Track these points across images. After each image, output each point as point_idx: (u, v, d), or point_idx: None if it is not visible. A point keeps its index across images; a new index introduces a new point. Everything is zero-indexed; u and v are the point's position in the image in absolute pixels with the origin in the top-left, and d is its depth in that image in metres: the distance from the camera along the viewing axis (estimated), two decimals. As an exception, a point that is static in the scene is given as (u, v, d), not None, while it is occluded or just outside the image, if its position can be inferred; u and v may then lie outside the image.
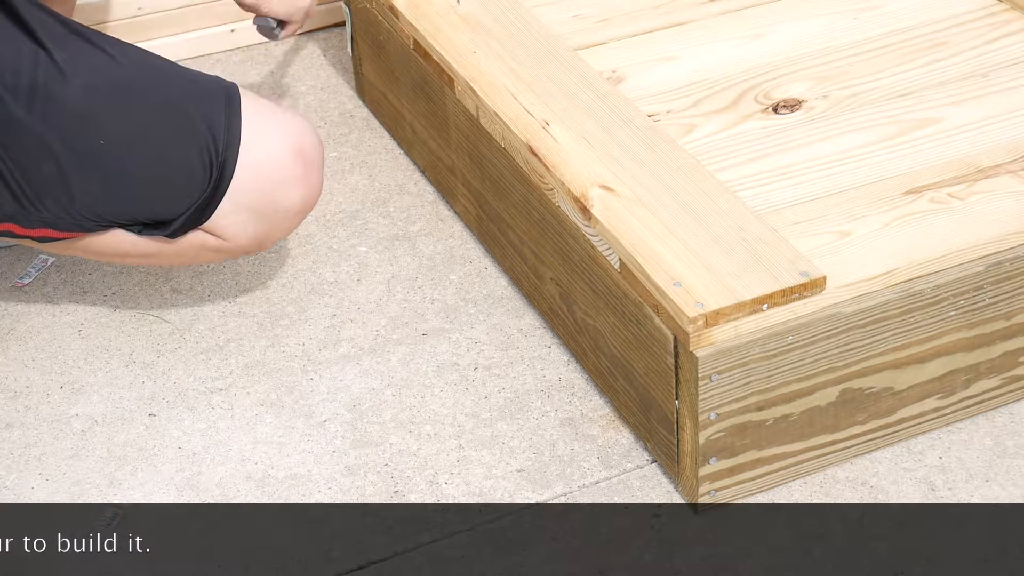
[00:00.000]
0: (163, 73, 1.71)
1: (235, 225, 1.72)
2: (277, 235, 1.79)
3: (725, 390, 1.54)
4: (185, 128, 1.67)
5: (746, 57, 1.99)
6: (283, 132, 1.73)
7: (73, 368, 1.87)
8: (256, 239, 1.76)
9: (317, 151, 1.77)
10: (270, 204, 1.73)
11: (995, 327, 1.65)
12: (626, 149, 1.76)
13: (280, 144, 1.72)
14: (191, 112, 1.67)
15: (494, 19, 2.04)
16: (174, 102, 1.68)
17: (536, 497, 1.65)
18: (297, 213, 1.76)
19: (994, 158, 1.77)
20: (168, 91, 1.69)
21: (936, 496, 1.62)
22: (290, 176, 1.73)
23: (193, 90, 1.70)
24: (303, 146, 1.74)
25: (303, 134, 1.75)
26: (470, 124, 1.94)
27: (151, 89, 1.69)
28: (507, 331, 1.90)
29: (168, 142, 1.67)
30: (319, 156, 1.77)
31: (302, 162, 1.73)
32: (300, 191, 1.74)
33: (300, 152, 1.73)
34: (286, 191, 1.73)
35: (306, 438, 1.75)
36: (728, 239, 1.61)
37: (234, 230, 1.73)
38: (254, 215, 1.72)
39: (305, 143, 1.74)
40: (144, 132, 1.67)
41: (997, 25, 2.03)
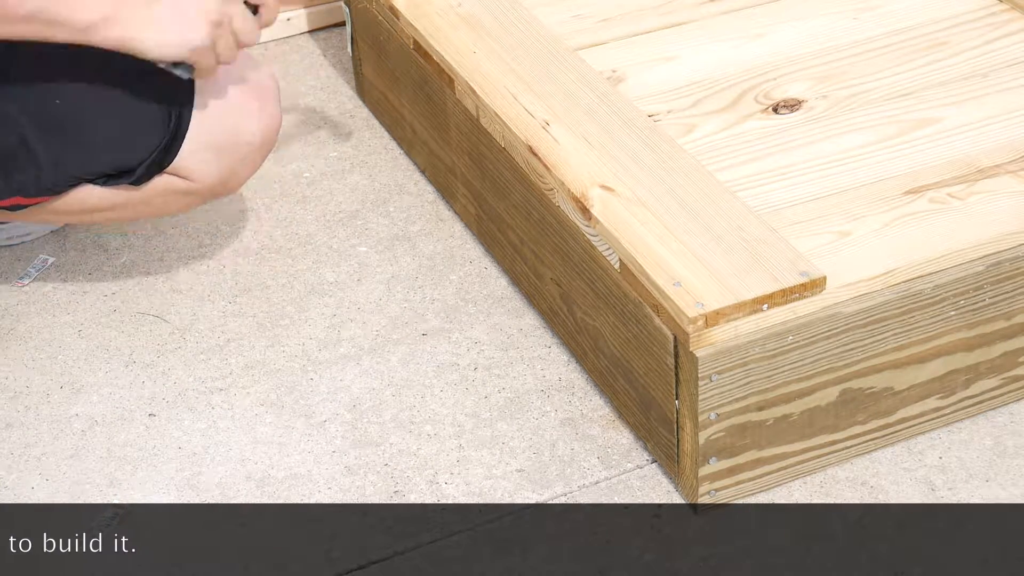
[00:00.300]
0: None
1: (199, 164, 1.74)
2: (243, 171, 1.80)
3: (725, 390, 1.54)
4: (141, 77, 1.68)
5: (746, 57, 1.99)
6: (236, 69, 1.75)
7: (73, 368, 1.87)
8: (222, 177, 1.78)
9: (272, 84, 1.80)
10: (230, 139, 1.75)
11: (995, 327, 1.65)
12: (626, 149, 1.76)
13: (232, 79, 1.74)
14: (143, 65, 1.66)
15: (494, 19, 2.04)
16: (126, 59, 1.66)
17: (536, 497, 1.65)
18: (260, 146, 1.79)
19: (994, 158, 1.76)
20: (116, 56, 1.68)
21: (936, 496, 1.62)
22: (246, 109, 1.75)
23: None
24: (257, 80, 1.77)
25: (255, 70, 1.78)
26: (470, 124, 1.94)
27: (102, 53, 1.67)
28: (507, 331, 1.90)
29: (124, 93, 1.69)
30: (275, 89, 1.80)
31: (256, 94, 1.76)
32: (257, 123, 1.77)
33: (253, 87, 1.76)
34: (244, 124, 1.76)
35: (306, 438, 1.75)
36: (728, 239, 1.61)
37: (199, 169, 1.75)
38: (218, 153, 1.74)
39: (260, 78, 1.78)
40: (97, 83, 1.68)
41: (997, 25, 2.03)
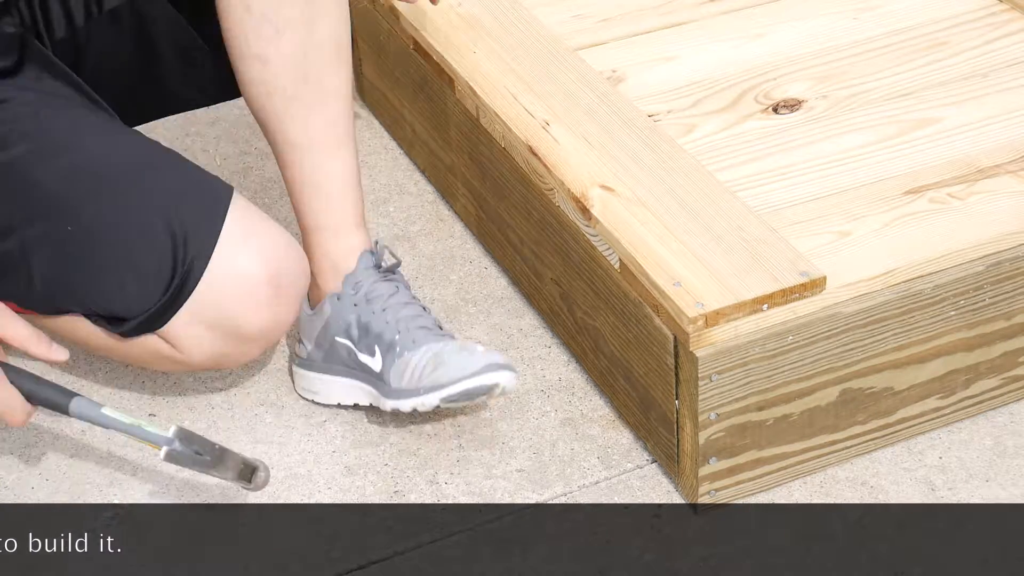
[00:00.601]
0: (152, 167, 1.63)
1: (190, 338, 1.61)
2: (237, 358, 1.67)
3: (725, 390, 1.54)
4: (156, 230, 1.57)
5: (746, 57, 1.99)
6: (261, 251, 1.61)
7: (73, 368, 1.86)
8: (213, 358, 1.64)
9: (296, 280, 1.63)
10: (229, 324, 1.61)
11: (995, 327, 1.65)
12: (626, 149, 1.76)
13: (253, 264, 1.60)
14: (168, 213, 1.58)
15: (494, 19, 2.04)
16: (153, 200, 1.59)
17: (536, 497, 1.65)
18: (256, 339, 1.64)
19: (994, 158, 1.76)
20: (150, 187, 1.61)
21: (936, 496, 1.62)
22: (255, 300, 1.60)
23: (178, 189, 1.61)
24: (279, 271, 1.61)
25: (285, 259, 1.62)
26: (470, 124, 1.94)
27: (133, 183, 1.61)
28: (507, 331, 1.89)
29: (134, 243, 1.58)
30: (297, 286, 1.64)
31: (272, 288, 1.61)
32: (262, 317, 1.61)
33: (273, 277, 1.61)
34: (247, 314, 1.60)
35: (306, 438, 1.75)
36: (728, 239, 1.61)
37: (189, 343, 1.62)
38: (212, 332, 1.61)
39: (283, 269, 1.62)
40: (113, 228, 1.59)
41: (997, 25, 2.03)
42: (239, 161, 2.27)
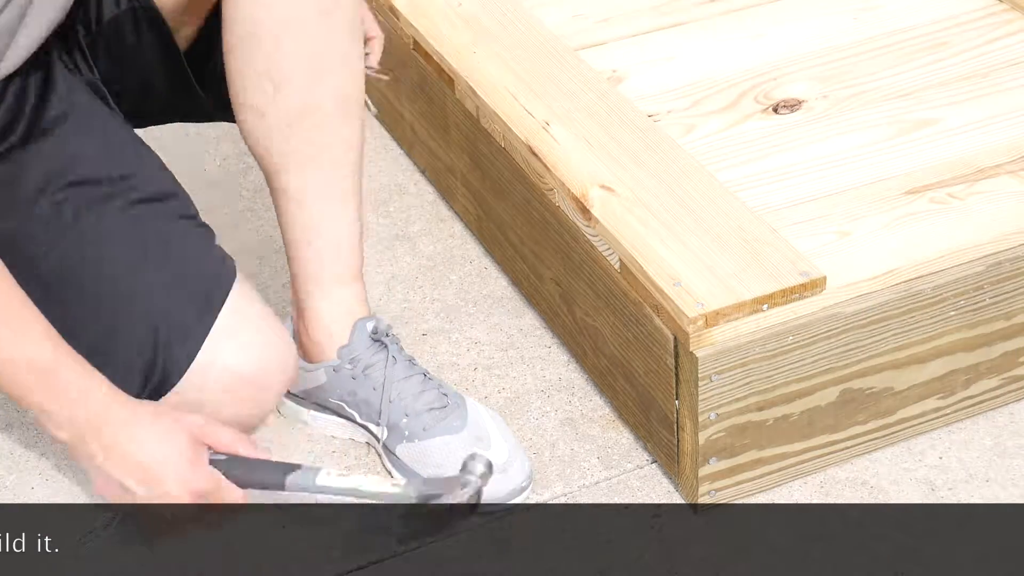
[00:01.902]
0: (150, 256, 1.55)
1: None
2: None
3: (725, 390, 1.54)
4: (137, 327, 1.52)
5: (746, 57, 1.99)
6: (246, 351, 1.55)
7: (73, 368, 1.86)
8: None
9: (281, 376, 1.57)
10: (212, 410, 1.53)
11: (995, 327, 1.65)
12: (626, 149, 1.76)
13: (239, 363, 1.54)
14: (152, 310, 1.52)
15: (494, 19, 2.04)
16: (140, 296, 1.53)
17: (536, 497, 1.65)
18: (241, 425, 1.56)
19: (994, 158, 1.77)
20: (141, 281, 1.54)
21: (936, 496, 1.62)
22: (237, 396, 1.55)
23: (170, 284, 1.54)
24: (263, 368, 1.55)
25: (270, 356, 1.56)
26: (470, 124, 1.94)
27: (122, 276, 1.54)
28: (507, 331, 1.89)
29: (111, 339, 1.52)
30: (282, 379, 1.57)
31: (256, 386, 1.55)
32: (244, 411, 1.55)
33: (258, 374, 1.55)
34: (228, 408, 1.54)
35: (306, 438, 1.75)
36: (728, 239, 1.61)
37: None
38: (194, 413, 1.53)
39: (267, 366, 1.56)
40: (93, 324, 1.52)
41: (997, 25, 2.03)
42: (239, 161, 2.27)
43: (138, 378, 1.52)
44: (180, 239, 1.59)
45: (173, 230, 1.59)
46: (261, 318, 1.58)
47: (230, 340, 1.54)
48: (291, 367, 1.60)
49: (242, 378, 1.54)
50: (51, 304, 1.45)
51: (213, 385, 1.53)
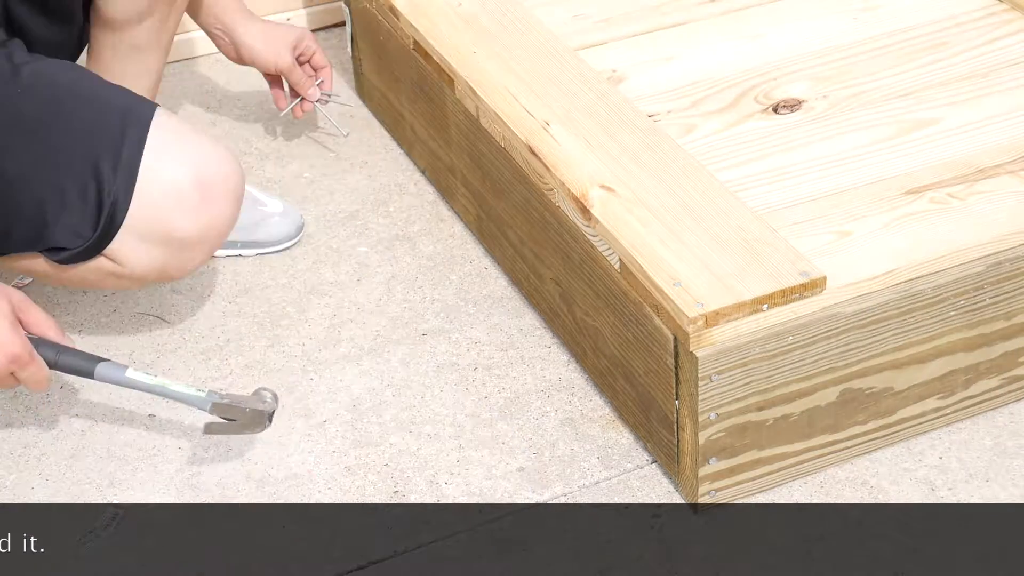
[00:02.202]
0: (67, 106, 1.62)
1: (131, 253, 1.63)
2: (182, 265, 1.68)
3: (725, 390, 1.54)
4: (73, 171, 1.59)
5: (746, 57, 1.99)
6: (184, 159, 1.62)
7: (73, 368, 1.86)
8: (156, 268, 1.66)
9: (226, 181, 1.65)
10: (165, 233, 1.62)
11: (995, 327, 1.65)
12: (626, 149, 1.76)
13: (177, 172, 1.61)
14: (83, 153, 1.59)
15: (494, 19, 2.04)
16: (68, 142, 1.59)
17: (536, 497, 1.65)
18: (196, 244, 1.65)
19: (994, 158, 1.76)
20: (66, 128, 1.60)
21: (936, 496, 1.62)
22: (185, 205, 1.62)
23: (93, 125, 1.61)
24: (205, 175, 1.63)
25: (209, 162, 1.64)
26: (470, 124, 1.94)
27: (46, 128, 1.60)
28: (507, 331, 1.90)
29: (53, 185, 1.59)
30: (229, 186, 1.65)
31: (201, 192, 1.62)
32: (198, 222, 1.63)
33: (200, 181, 1.62)
34: (181, 220, 1.62)
35: (306, 438, 1.75)
36: (728, 239, 1.61)
37: (128, 257, 1.63)
38: (149, 244, 1.62)
39: (208, 172, 1.63)
40: (32, 171, 1.59)
41: (997, 25, 2.03)
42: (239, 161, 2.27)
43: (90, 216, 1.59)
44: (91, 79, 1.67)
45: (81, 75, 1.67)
46: (193, 132, 1.66)
47: (166, 153, 1.61)
48: (236, 172, 1.67)
49: (186, 188, 1.61)
50: None
51: (163, 201, 1.60)
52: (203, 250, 1.67)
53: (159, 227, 1.62)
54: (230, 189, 1.66)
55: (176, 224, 1.62)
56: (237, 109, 2.38)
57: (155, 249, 1.63)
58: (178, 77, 2.49)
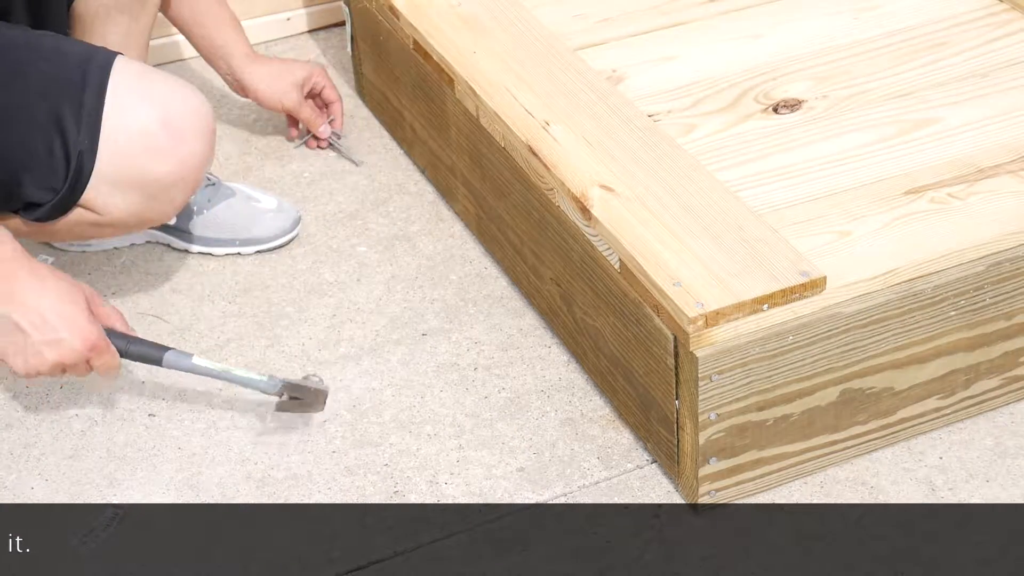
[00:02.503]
0: (25, 65, 1.62)
1: (108, 201, 1.64)
2: (162, 208, 1.69)
3: (725, 390, 1.54)
4: (36, 127, 1.59)
5: (746, 57, 1.99)
6: (149, 101, 1.63)
7: (73, 368, 1.86)
8: (134, 213, 1.67)
9: (193, 118, 1.65)
10: (139, 177, 1.63)
11: (995, 327, 1.65)
12: (626, 149, 1.76)
13: (142, 114, 1.62)
14: (44, 107, 1.59)
15: (494, 19, 2.04)
16: (28, 99, 1.60)
17: (536, 497, 1.65)
18: (173, 185, 1.66)
19: (994, 158, 1.76)
20: (24, 86, 1.61)
21: (936, 496, 1.62)
22: (156, 147, 1.62)
23: (52, 80, 1.61)
24: (171, 115, 1.63)
25: (173, 101, 1.64)
26: (470, 124, 1.94)
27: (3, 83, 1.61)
28: (507, 331, 1.90)
29: (17, 144, 1.60)
30: (196, 123, 1.65)
31: (169, 132, 1.62)
32: (170, 162, 1.63)
33: (167, 121, 1.62)
34: (153, 163, 1.63)
35: (306, 438, 1.75)
36: (728, 239, 1.61)
37: (107, 205, 1.65)
38: (124, 190, 1.63)
39: (175, 111, 1.63)
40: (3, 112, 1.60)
41: (997, 25, 2.03)
42: (240, 161, 2.27)
43: (59, 168, 1.60)
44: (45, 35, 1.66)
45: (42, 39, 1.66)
46: (155, 72, 1.67)
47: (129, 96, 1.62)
48: (202, 107, 1.67)
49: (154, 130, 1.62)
50: None
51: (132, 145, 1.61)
52: (181, 190, 1.68)
53: (132, 172, 1.62)
54: (200, 125, 1.66)
55: (149, 167, 1.63)
56: (237, 109, 2.38)
57: (131, 194, 1.64)
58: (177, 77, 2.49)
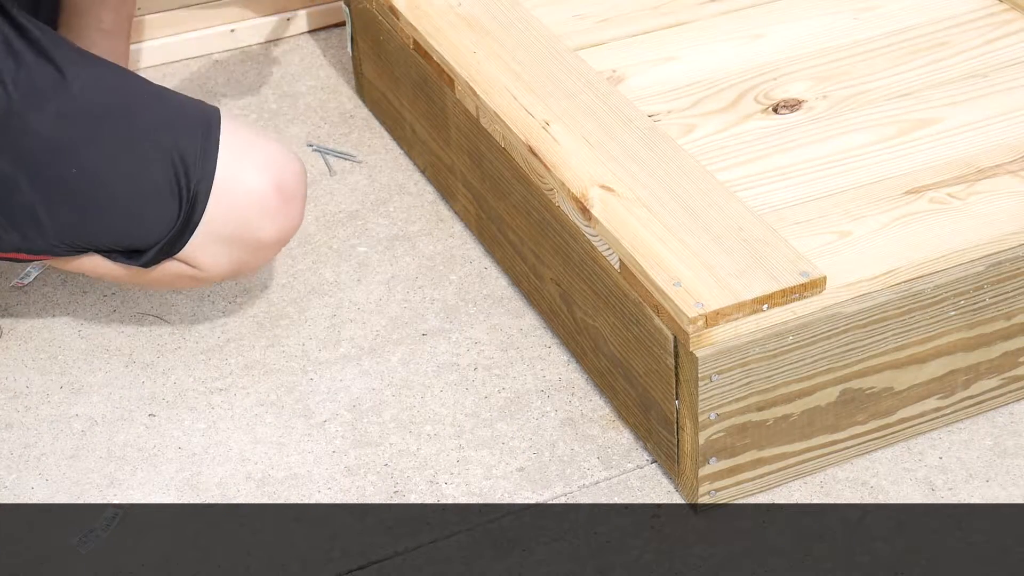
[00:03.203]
0: (139, 101, 1.68)
1: (210, 256, 1.69)
2: (255, 264, 1.76)
3: (725, 390, 1.54)
4: (157, 161, 1.64)
5: (746, 57, 1.99)
6: (262, 164, 1.69)
7: (73, 368, 1.87)
8: (232, 269, 1.73)
9: (298, 183, 1.72)
10: (245, 236, 1.69)
11: (995, 327, 1.65)
12: (626, 149, 1.76)
13: (258, 177, 1.68)
14: (164, 143, 1.64)
15: (494, 19, 2.04)
16: (147, 133, 1.65)
17: (536, 497, 1.65)
18: (274, 244, 1.73)
19: (994, 158, 1.77)
20: (142, 121, 1.66)
21: (936, 496, 1.62)
22: (267, 209, 1.69)
23: (168, 119, 1.67)
24: (283, 179, 1.70)
25: (284, 166, 1.71)
26: (470, 124, 1.94)
27: (124, 119, 1.66)
28: (507, 331, 1.90)
29: (138, 175, 1.64)
30: (301, 188, 1.73)
31: (280, 196, 1.69)
32: (277, 224, 1.71)
33: (279, 186, 1.69)
34: (262, 224, 1.69)
35: (306, 438, 1.75)
36: (728, 239, 1.61)
37: (209, 260, 1.70)
38: (229, 246, 1.69)
39: (286, 176, 1.70)
40: (114, 164, 1.64)
41: (997, 25, 2.03)
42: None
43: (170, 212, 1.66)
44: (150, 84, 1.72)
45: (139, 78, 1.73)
46: (261, 135, 1.73)
47: (244, 159, 1.69)
48: (303, 171, 1.74)
49: (268, 194, 1.69)
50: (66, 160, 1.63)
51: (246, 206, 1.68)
52: (277, 249, 1.76)
53: (242, 231, 1.69)
54: (303, 191, 1.74)
55: (259, 228, 1.70)
56: (237, 109, 2.38)
57: (235, 252, 1.71)
58: (176, 77, 2.49)
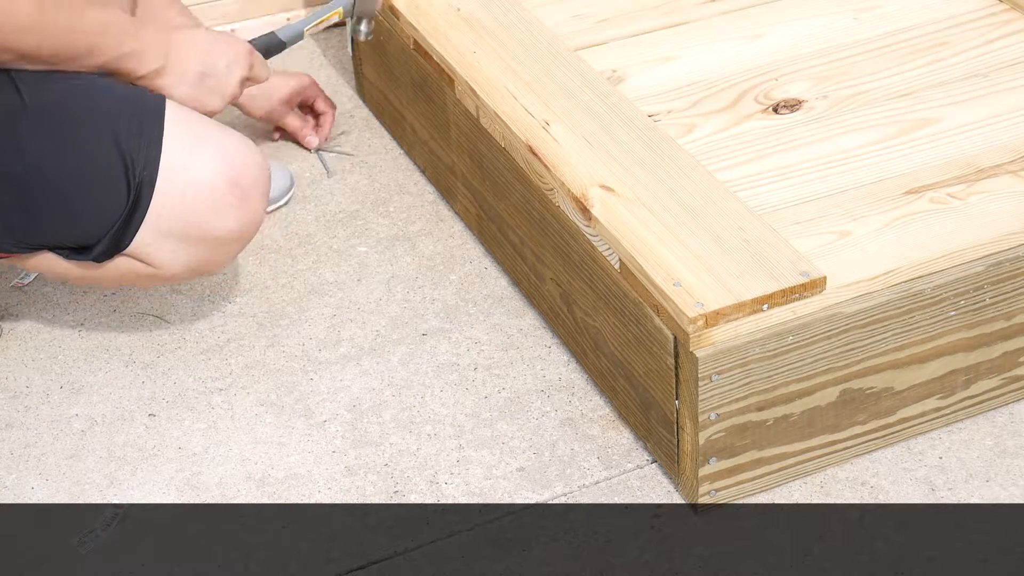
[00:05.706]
0: (80, 93, 1.62)
1: (162, 252, 1.64)
2: (217, 262, 1.70)
3: (725, 390, 1.54)
4: (98, 150, 1.59)
5: (746, 57, 1.99)
6: (214, 155, 1.63)
7: (73, 368, 1.87)
8: (189, 267, 1.68)
9: (257, 177, 1.65)
10: (200, 232, 1.63)
11: (995, 327, 1.65)
12: (626, 149, 1.76)
13: (210, 169, 1.62)
14: (103, 132, 1.60)
15: (494, 19, 2.04)
16: (85, 123, 1.60)
17: (536, 497, 1.65)
18: (234, 241, 1.66)
19: (994, 158, 1.77)
20: (81, 113, 1.61)
21: (936, 496, 1.62)
22: (219, 203, 1.62)
23: (108, 109, 1.61)
24: (238, 172, 1.63)
25: (240, 159, 1.64)
26: (470, 124, 1.94)
27: (64, 111, 1.61)
28: (507, 331, 1.90)
29: (79, 166, 1.60)
30: (260, 182, 1.66)
31: (235, 189, 1.63)
32: (233, 219, 1.64)
33: (233, 179, 1.63)
34: (215, 218, 1.63)
35: (306, 438, 1.75)
36: (728, 239, 1.61)
37: (161, 257, 1.65)
38: (183, 243, 1.64)
39: (242, 169, 1.64)
40: (56, 159, 1.60)
41: (997, 25, 2.03)
42: (239, 161, 2.27)
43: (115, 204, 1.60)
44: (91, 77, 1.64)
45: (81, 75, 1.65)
46: (215, 126, 1.66)
47: (193, 151, 1.62)
48: (265, 168, 1.67)
49: (221, 188, 1.62)
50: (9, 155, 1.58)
51: (197, 201, 1.61)
52: (238, 247, 1.70)
53: (193, 226, 1.63)
54: (263, 184, 1.68)
55: (214, 223, 1.64)
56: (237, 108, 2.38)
57: (191, 249, 1.66)
58: (178, 77, 2.49)
